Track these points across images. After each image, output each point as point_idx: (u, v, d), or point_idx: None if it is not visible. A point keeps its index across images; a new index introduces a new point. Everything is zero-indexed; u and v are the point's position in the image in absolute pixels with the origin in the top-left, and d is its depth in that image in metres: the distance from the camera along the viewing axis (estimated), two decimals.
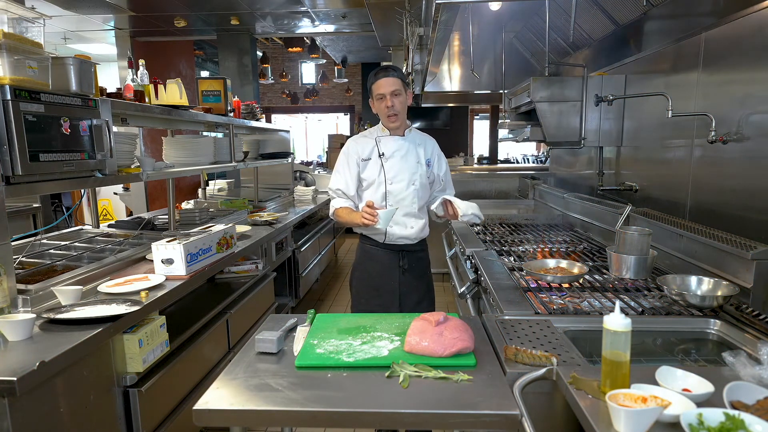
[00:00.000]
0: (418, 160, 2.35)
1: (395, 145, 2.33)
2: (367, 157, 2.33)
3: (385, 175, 2.31)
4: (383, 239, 2.36)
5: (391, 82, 2.21)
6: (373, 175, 2.32)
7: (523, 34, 4.42)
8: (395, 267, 2.37)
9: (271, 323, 1.71)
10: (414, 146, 2.36)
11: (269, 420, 1.25)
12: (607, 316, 1.14)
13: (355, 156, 2.33)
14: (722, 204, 2.06)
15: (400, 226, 2.33)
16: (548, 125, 2.98)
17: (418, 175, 2.33)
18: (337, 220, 2.40)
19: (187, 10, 5.63)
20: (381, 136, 2.35)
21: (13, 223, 3.30)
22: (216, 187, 5.41)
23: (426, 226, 2.42)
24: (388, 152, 2.32)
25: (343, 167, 2.36)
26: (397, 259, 2.37)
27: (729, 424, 0.95)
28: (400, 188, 2.32)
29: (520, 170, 5.97)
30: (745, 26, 1.92)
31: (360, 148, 2.34)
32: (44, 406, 1.46)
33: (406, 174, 2.32)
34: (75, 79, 1.98)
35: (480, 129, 12.69)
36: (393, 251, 2.37)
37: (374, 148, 2.33)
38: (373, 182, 2.33)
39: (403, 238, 2.35)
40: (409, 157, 2.33)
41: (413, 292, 2.40)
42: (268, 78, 10.00)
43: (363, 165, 2.33)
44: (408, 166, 2.32)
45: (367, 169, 2.33)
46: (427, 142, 2.42)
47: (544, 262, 2.18)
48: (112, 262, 2.34)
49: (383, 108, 2.25)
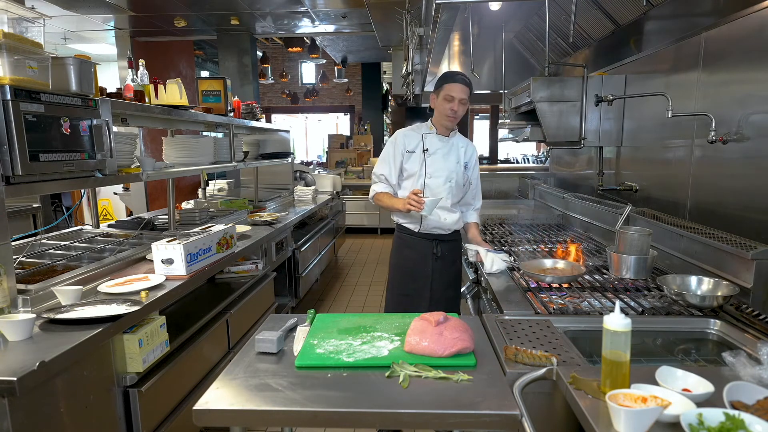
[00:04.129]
0: (458, 161, 2.52)
1: (439, 143, 2.49)
2: (412, 150, 2.50)
3: (426, 169, 2.47)
4: (418, 229, 2.52)
5: (464, 90, 2.38)
6: (415, 168, 2.49)
7: (523, 34, 4.42)
8: (429, 254, 2.53)
9: (271, 323, 1.71)
10: (456, 148, 2.53)
11: (269, 420, 1.25)
12: (607, 316, 1.14)
13: (402, 147, 2.51)
14: (722, 204, 2.06)
15: (434, 217, 2.47)
16: (548, 125, 2.98)
17: (455, 173, 2.50)
18: (377, 203, 2.56)
19: (187, 10, 5.63)
20: (427, 133, 2.51)
21: (13, 223, 3.30)
22: (216, 187, 5.41)
23: (460, 220, 2.59)
24: (432, 149, 2.48)
25: (389, 155, 2.54)
26: (431, 247, 2.53)
27: (729, 424, 0.95)
28: (438, 183, 2.48)
29: (520, 170, 5.98)
30: (745, 26, 1.92)
31: (407, 140, 2.52)
32: (44, 406, 1.46)
33: (444, 171, 2.48)
34: (75, 79, 1.98)
35: (480, 129, 12.71)
36: (428, 240, 2.53)
37: (420, 142, 2.50)
38: (413, 174, 2.50)
39: (437, 228, 2.52)
40: (451, 156, 2.50)
41: (443, 278, 2.55)
42: (268, 78, 10.00)
43: (407, 156, 2.50)
44: (448, 165, 2.49)
45: (410, 161, 2.50)
46: (468, 147, 2.58)
47: (541, 262, 2.18)
48: (112, 262, 2.34)
49: (447, 109, 2.39)
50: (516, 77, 4.29)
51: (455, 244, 2.62)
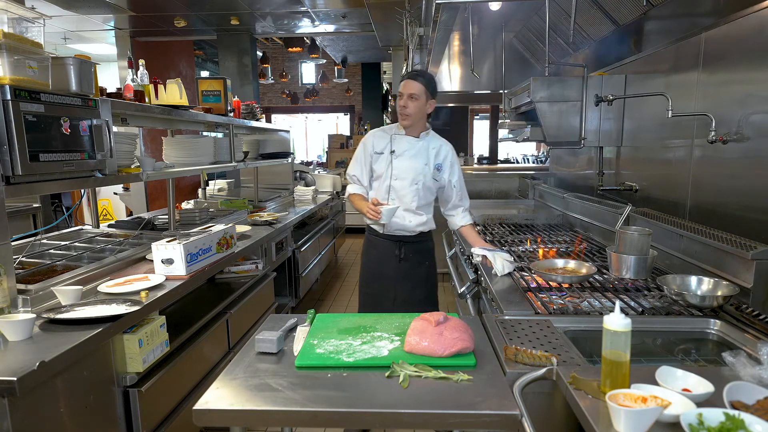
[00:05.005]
0: (426, 162, 2.48)
1: (407, 144, 2.47)
2: (380, 151, 2.50)
3: (392, 171, 2.47)
4: (383, 230, 2.53)
5: (413, 85, 2.37)
6: (382, 169, 2.49)
7: (523, 34, 4.42)
8: (393, 256, 2.53)
9: (271, 323, 1.72)
10: (426, 149, 2.49)
11: (269, 420, 1.25)
12: (607, 316, 1.14)
13: (371, 148, 2.52)
14: (722, 204, 2.06)
15: (399, 219, 2.46)
16: (548, 125, 2.98)
17: (423, 175, 2.47)
18: (350, 204, 2.60)
19: (187, 10, 5.64)
20: (396, 134, 2.50)
21: (13, 223, 3.30)
22: (216, 187, 5.41)
23: (429, 222, 2.56)
24: (399, 150, 2.47)
25: (360, 156, 2.57)
26: (395, 248, 2.53)
27: (729, 424, 0.95)
28: (403, 185, 2.47)
29: (520, 170, 5.97)
30: (745, 26, 1.92)
31: (377, 141, 2.53)
32: (44, 406, 1.46)
33: (411, 173, 2.46)
34: (75, 79, 1.98)
35: (480, 129, 12.69)
36: (392, 241, 2.53)
37: (388, 144, 2.50)
38: (381, 175, 2.50)
39: (400, 230, 2.51)
40: (419, 158, 2.47)
41: (408, 280, 2.54)
42: (268, 78, 10.00)
43: (375, 158, 2.51)
44: (415, 167, 2.46)
45: (378, 162, 2.51)
46: (442, 147, 2.54)
47: (552, 262, 2.18)
48: (112, 262, 2.34)
49: (399, 105, 2.42)
50: (516, 77, 4.29)
51: (422, 246, 2.57)
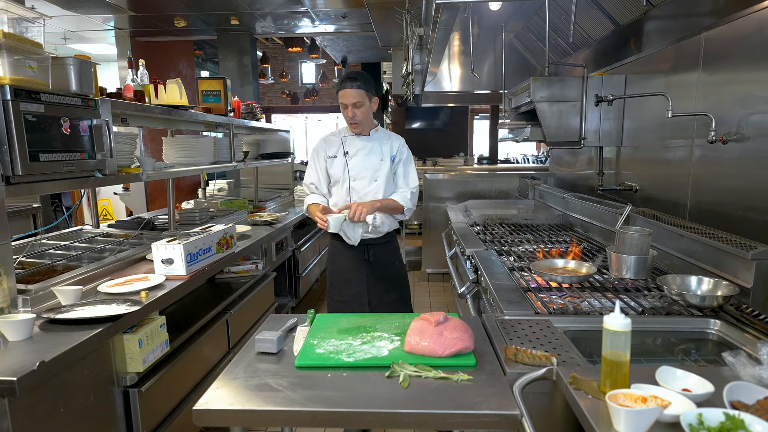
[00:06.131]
0: (381, 157, 2.49)
1: (359, 144, 2.48)
2: (333, 155, 2.50)
3: (349, 172, 2.47)
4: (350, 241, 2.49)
5: (353, 94, 2.34)
6: (339, 172, 2.48)
7: (523, 34, 4.42)
8: (361, 260, 2.52)
9: (271, 323, 1.72)
10: (379, 145, 2.50)
11: (269, 420, 1.25)
12: (607, 316, 1.14)
13: (323, 153, 2.52)
14: (722, 204, 2.06)
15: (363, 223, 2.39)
16: (548, 125, 2.98)
17: (381, 172, 2.47)
18: (310, 215, 2.53)
19: (187, 10, 5.63)
20: (347, 136, 2.51)
21: (13, 223, 3.30)
22: (216, 187, 5.41)
23: (393, 222, 2.56)
24: (352, 151, 2.48)
25: (314, 163, 2.55)
26: (363, 252, 2.52)
27: (729, 424, 0.95)
28: (363, 185, 2.47)
29: (520, 170, 5.96)
30: (745, 26, 1.92)
31: (328, 145, 2.52)
32: (44, 406, 1.46)
33: (368, 171, 2.47)
34: (75, 79, 1.98)
35: (480, 129, 12.69)
36: (359, 246, 2.52)
37: (340, 146, 2.50)
38: (338, 179, 2.49)
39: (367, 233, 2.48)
40: (373, 155, 2.48)
41: (381, 282, 2.54)
42: (268, 78, 10.00)
43: (330, 162, 2.50)
44: (371, 164, 2.47)
45: (333, 166, 2.50)
46: (393, 141, 2.55)
47: (552, 262, 2.18)
48: (112, 262, 2.34)
49: (346, 116, 2.41)
50: (516, 77, 4.29)
51: (389, 246, 2.58)
